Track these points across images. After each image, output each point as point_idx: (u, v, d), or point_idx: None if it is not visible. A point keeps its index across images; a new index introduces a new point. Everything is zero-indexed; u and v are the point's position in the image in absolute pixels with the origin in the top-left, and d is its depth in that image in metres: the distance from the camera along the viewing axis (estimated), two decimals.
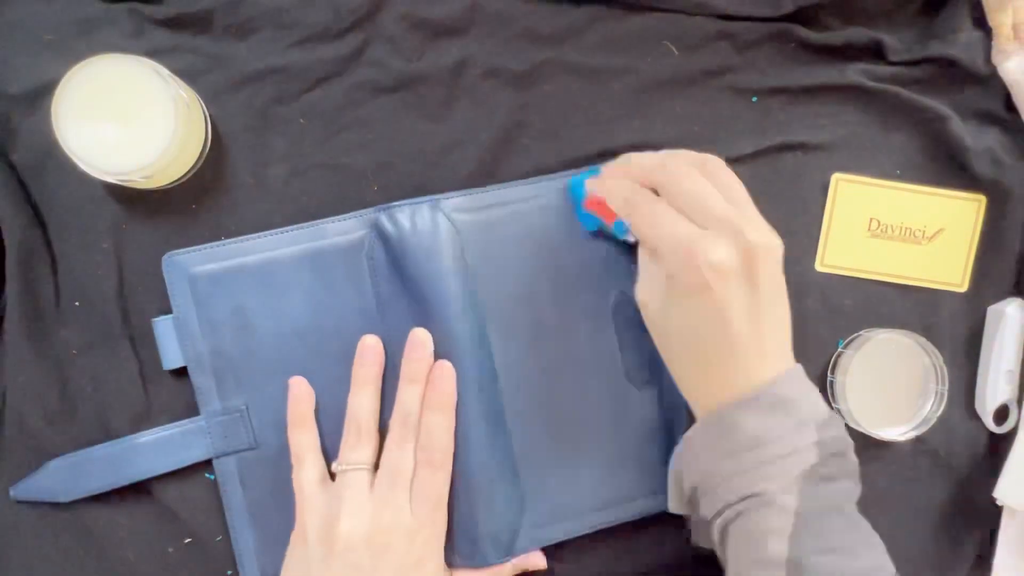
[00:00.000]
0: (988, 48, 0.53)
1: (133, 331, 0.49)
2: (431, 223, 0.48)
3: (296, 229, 0.49)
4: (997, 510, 0.54)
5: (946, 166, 0.54)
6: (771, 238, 0.42)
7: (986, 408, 0.54)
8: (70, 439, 0.49)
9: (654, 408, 0.51)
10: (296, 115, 0.51)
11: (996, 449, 0.55)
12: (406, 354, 0.47)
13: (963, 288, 0.55)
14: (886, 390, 0.53)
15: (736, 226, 0.41)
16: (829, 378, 0.54)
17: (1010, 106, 0.54)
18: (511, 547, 0.49)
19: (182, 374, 0.49)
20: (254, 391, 0.48)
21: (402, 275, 0.48)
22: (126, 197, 0.49)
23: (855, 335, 0.54)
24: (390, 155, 0.51)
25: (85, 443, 0.49)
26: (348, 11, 0.50)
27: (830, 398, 0.54)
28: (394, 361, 0.48)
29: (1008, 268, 0.55)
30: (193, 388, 0.48)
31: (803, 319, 0.54)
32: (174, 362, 0.48)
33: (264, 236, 0.49)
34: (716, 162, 0.44)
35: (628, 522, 0.51)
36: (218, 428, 0.48)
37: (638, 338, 0.51)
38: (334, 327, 0.49)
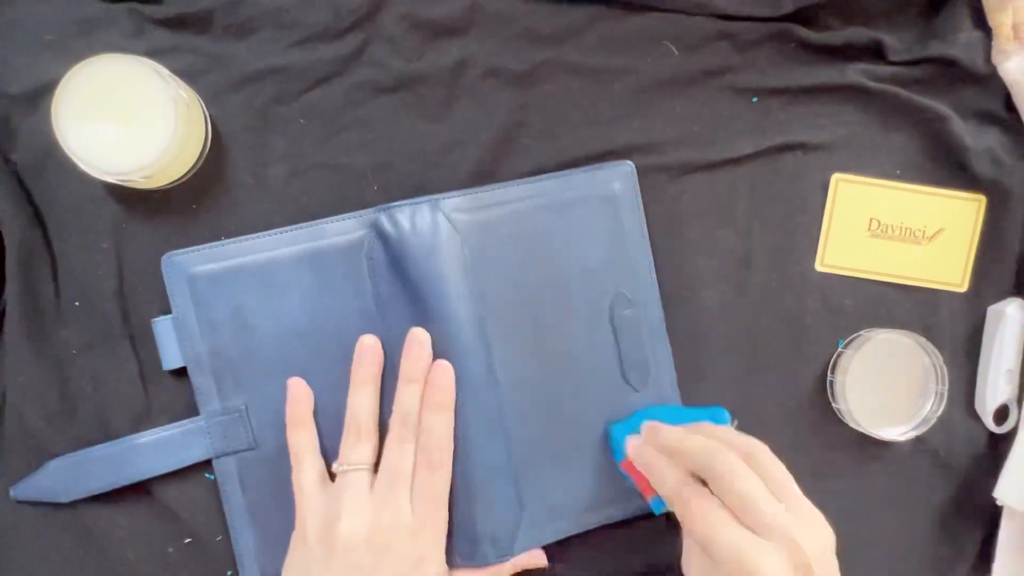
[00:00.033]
0: (988, 48, 0.53)
1: (133, 331, 0.49)
2: (431, 223, 0.48)
3: (296, 229, 0.49)
4: (997, 510, 0.54)
5: (946, 166, 0.54)
6: (825, 537, 0.40)
7: (986, 408, 0.54)
8: (70, 439, 0.49)
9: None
10: (296, 115, 0.51)
11: (996, 449, 0.55)
12: (405, 354, 0.47)
13: (963, 288, 0.55)
14: (886, 390, 0.53)
15: (790, 535, 0.39)
16: (829, 378, 0.54)
17: (1010, 106, 0.54)
18: (511, 546, 0.49)
19: (182, 374, 0.49)
20: (253, 391, 0.48)
21: (402, 275, 0.48)
22: (126, 197, 0.49)
23: (855, 335, 0.54)
24: (390, 155, 0.51)
25: (85, 443, 0.49)
26: (348, 11, 0.50)
27: (830, 398, 0.54)
28: (393, 361, 0.48)
29: (1008, 268, 0.55)
30: (193, 388, 0.48)
31: (803, 319, 0.54)
32: (174, 362, 0.48)
33: (263, 236, 0.49)
34: (763, 451, 0.42)
35: (627, 521, 0.51)
36: (218, 428, 0.48)
37: (636, 338, 0.51)
38: (333, 327, 0.49)
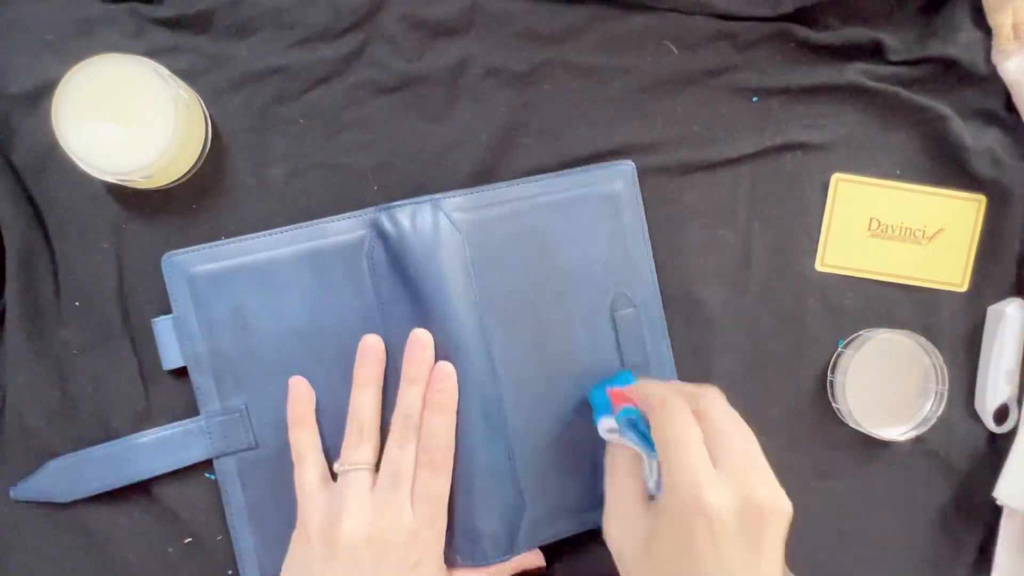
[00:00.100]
0: (988, 48, 0.53)
1: (133, 331, 0.49)
2: (431, 223, 0.48)
3: (296, 229, 0.49)
4: (997, 510, 0.54)
5: (946, 166, 0.54)
6: (783, 501, 0.39)
7: (986, 408, 0.54)
8: (70, 439, 0.49)
9: None
10: (296, 115, 0.51)
11: (996, 449, 0.55)
12: (407, 354, 0.47)
13: (963, 288, 0.55)
14: (886, 390, 0.53)
15: (749, 478, 0.38)
16: (829, 378, 0.54)
17: (1010, 106, 0.54)
18: (511, 546, 0.49)
19: (182, 374, 0.49)
20: (254, 391, 0.48)
21: (402, 275, 0.48)
22: (126, 197, 0.49)
23: (855, 335, 0.54)
24: (390, 155, 0.51)
25: (85, 443, 0.49)
26: (348, 11, 0.50)
27: (830, 398, 0.54)
28: (395, 362, 0.48)
29: (1008, 268, 0.55)
30: (193, 388, 0.48)
31: (803, 319, 0.54)
32: (174, 362, 0.48)
33: (263, 236, 0.49)
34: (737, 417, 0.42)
35: None
36: (218, 428, 0.48)
37: (636, 338, 0.51)
38: (334, 327, 0.49)
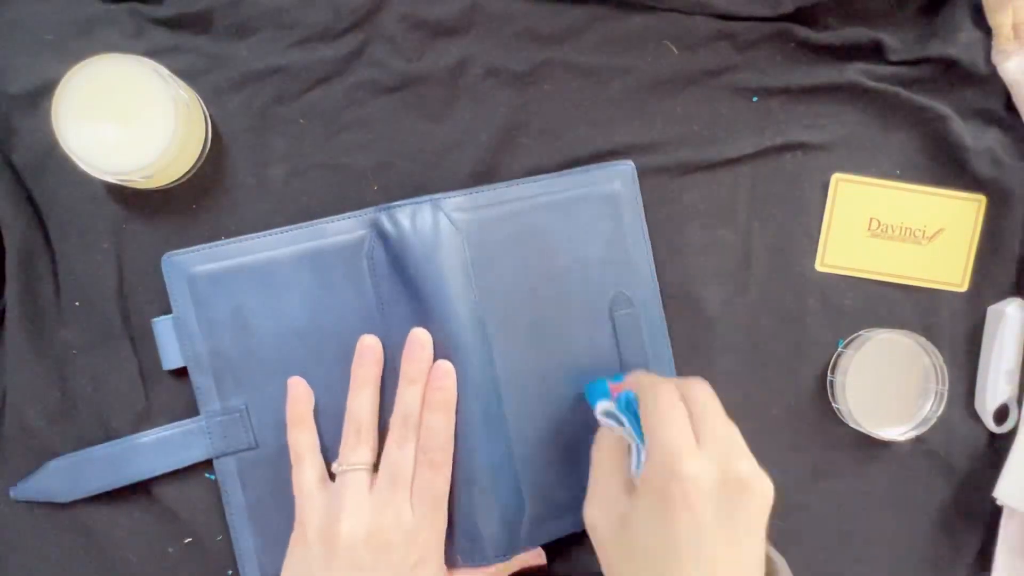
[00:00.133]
0: (988, 48, 0.53)
1: (133, 331, 0.49)
2: (431, 223, 0.48)
3: (296, 229, 0.49)
4: (997, 510, 0.54)
5: (946, 166, 0.54)
6: (766, 481, 0.39)
7: (986, 408, 0.54)
8: (70, 439, 0.49)
9: None
10: (296, 115, 0.51)
11: (996, 449, 0.55)
12: (406, 354, 0.47)
13: (963, 288, 0.55)
14: (886, 390, 0.53)
15: (735, 454, 0.39)
16: (829, 378, 0.54)
17: (1010, 106, 0.54)
18: (511, 546, 0.49)
19: (182, 374, 0.49)
20: (254, 391, 0.48)
21: (402, 275, 0.48)
22: (126, 197, 0.49)
23: (855, 335, 0.54)
24: (390, 155, 0.51)
25: (85, 443, 0.49)
26: (348, 11, 0.50)
27: (830, 398, 0.54)
28: (394, 362, 0.48)
29: (1008, 268, 0.55)
30: (193, 388, 0.48)
31: (803, 319, 0.54)
32: (174, 362, 0.48)
33: (263, 236, 0.49)
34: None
35: None
36: (218, 428, 0.48)
37: (636, 338, 0.51)
38: (333, 327, 0.49)
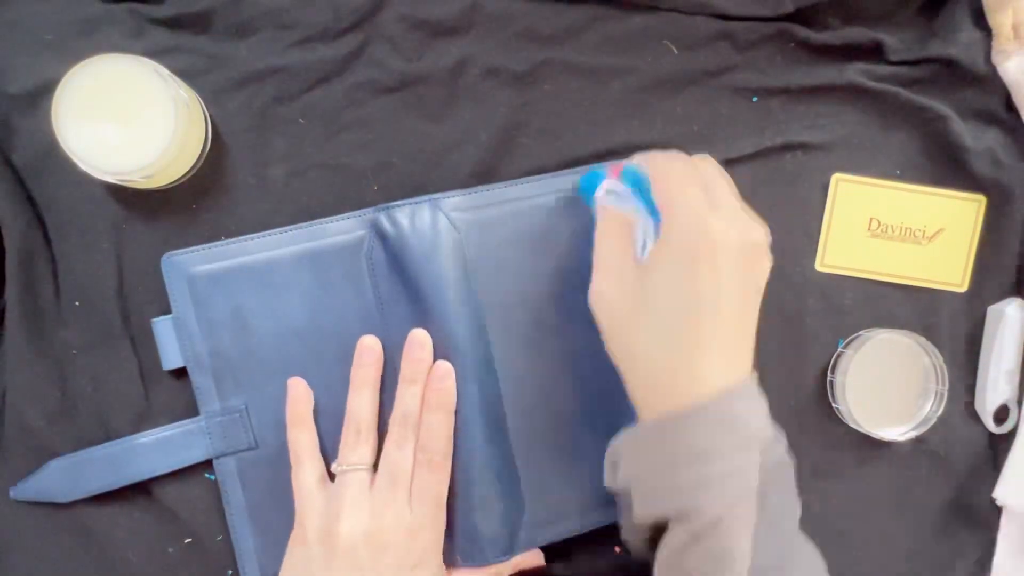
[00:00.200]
0: (988, 48, 0.53)
1: (133, 331, 0.49)
2: (431, 223, 0.48)
3: (295, 229, 0.49)
4: (997, 510, 0.54)
5: (946, 166, 0.54)
6: (770, 254, 0.43)
7: (986, 408, 0.54)
8: (70, 439, 0.49)
9: None
10: (296, 115, 0.51)
11: (996, 449, 0.55)
12: (405, 354, 0.47)
13: (963, 288, 0.55)
14: (886, 390, 0.53)
15: (748, 220, 0.42)
16: (829, 378, 0.54)
17: (1010, 106, 0.54)
18: (510, 546, 0.49)
19: (182, 374, 0.49)
20: (253, 391, 0.48)
21: (401, 275, 0.48)
22: (126, 197, 0.49)
23: (855, 335, 0.54)
24: (390, 155, 0.51)
25: (85, 443, 0.49)
26: (348, 11, 0.50)
27: (830, 398, 0.54)
28: (394, 362, 0.48)
29: (1008, 268, 0.55)
30: (193, 388, 0.48)
31: (803, 319, 0.54)
32: (174, 362, 0.48)
33: (263, 236, 0.49)
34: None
35: None
36: (217, 428, 0.48)
37: None
38: (333, 327, 0.49)
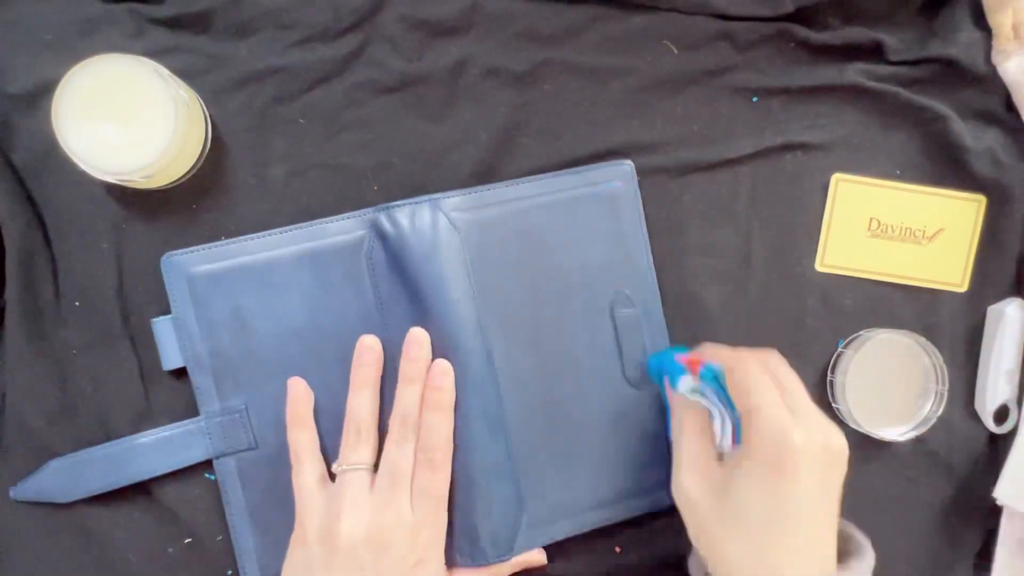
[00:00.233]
0: (988, 48, 0.53)
1: (133, 331, 0.49)
2: (431, 222, 0.48)
3: (295, 229, 0.49)
4: (997, 510, 0.54)
5: (946, 166, 0.54)
6: (846, 448, 0.42)
7: (986, 408, 0.54)
8: (70, 439, 0.49)
9: (651, 407, 0.51)
10: (296, 115, 0.51)
11: (996, 449, 0.55)
12: (404, 354, 0.47)
13: (963, 288, 0.55)
14: (886, 390, 0.53)
15: (827, 425, 0.42)
16: (829, 378, 0.54)
17: (1010, 106, 0.54)
18: (510, 546, 0.49)
19: (182, 374, 0.49)
20: (253, 391, 0.48)
21: (401, 275, 0.48)
22: (126, 197, 0.49)
23: (855, 335, 0.54)
24: (390, 155, 0.51)
25: (85, 443, 0.48)
26: (348, 11, 0.50)
27: (830, 398, 0.54)
28: (394, 362, 0.48)
29: (1008, 268, 0.55)
30: (193, 388, 0.48)
31: (803, 319, 0.54)
32: (173, 362, 0.48)
33: (263, 236, 0.49)
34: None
35: (627, 521, 0.51)
36: (217, 428, 0.48)
37: (636, 337, 0.51)
38: (333, 327, 0.49)
